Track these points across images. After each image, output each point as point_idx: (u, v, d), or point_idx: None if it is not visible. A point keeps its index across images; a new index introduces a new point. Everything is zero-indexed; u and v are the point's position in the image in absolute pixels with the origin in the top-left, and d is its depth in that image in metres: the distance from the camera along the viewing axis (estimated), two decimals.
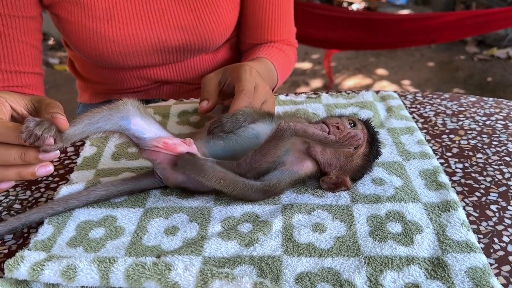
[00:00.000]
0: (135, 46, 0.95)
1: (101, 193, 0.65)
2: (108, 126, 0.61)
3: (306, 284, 0.52)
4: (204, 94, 0.77)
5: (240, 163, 0.62)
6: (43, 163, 0.56)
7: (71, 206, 0.64)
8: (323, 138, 0.60)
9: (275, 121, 0.67)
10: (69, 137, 0.58)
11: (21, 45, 0.89)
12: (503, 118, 0.84)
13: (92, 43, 0.94)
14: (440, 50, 3.63)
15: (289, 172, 0.64)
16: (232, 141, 0.65)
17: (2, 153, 0.55)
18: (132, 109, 0.63)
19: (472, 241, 0.56)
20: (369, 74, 3.34)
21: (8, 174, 0.57)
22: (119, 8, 0.92)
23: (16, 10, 0.87)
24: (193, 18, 0.96)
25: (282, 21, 1.06)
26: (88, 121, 0.60)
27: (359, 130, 0.65)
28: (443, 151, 0.76)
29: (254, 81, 0.75)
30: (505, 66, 3.33)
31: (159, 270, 0.51)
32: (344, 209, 0.62)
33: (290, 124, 0.60)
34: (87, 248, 0.58)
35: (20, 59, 0.90)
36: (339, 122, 0.64)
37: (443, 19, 2.44)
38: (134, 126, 0.63)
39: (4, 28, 0.86)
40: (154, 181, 0.67)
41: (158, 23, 0.95)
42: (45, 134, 0.53)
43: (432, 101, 0.92)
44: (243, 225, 0.60)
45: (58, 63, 3.65)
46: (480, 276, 0.51)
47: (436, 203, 0.62)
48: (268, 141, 0.61)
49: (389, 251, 0.55)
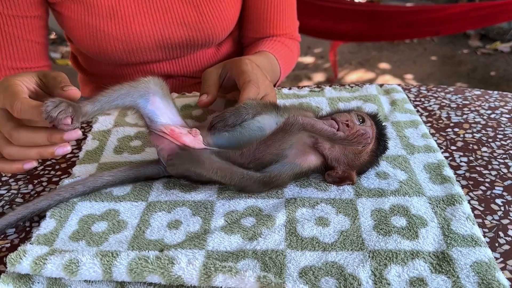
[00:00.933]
0: (138, 43, 0.95)
1: (108, 179, 0.66)
2: (127, 102, 0.63)
3: (310, 278, 0.51)
4: (204, 88, 0.77)
5: (243, 152, 0.62)
6: (63, 145, 0.60)
7: (78, 192, 0.64)
8: (331, 135, 0.59)
9: (281, 113, 0.67)
10: (88, 113, 0.60)
11: (26, 43, 0.91)
12: (508, 112, 0.84)
13: (95, 41, 0.94)
14: (443, 44, 3.60)
15: (290, 165, 0.63)
16: (237, 133, 0.64)
17: (30, 135, 0.59)
18: (153, 88, 0.64)
19: (477, 235, 0.55)
20: (372, 68, 3.32)
21: (30, 154, 0.60)
22: (121, 5, 0.92)
23: (20, 11, 0.88)
24: (196, 14, 0.96)
25: (284, 15, 1.05)
26: (106, 98, 0.61)
27: (368, 127, 0.64)
28: (447, 145, 0.75)
29: (255, 74, 0.75)
30: (508, 60, 3.31)
31: (162, 264, 0.51)
32: (348, 203, 0.62)
33: (298, 118, 0.59)
34: (90, 242, 0.58)
35: (26, 56, 0.91)
36: (348, 119, 0.63)
37: (447, 11, 2.43)
38: (151, 106, 0.64)
39: (9, 27, 0.88)
40: (159, 168, 0.67)
41: (161, 20, 0.95)
42: (62, 115, 0.55)
43: (437, 95, 0.91)
44: (246, 219, 0.60)
45: (60, 57, 3.64)
46: (486, 270, 0.51)
47: (441, 197, 0.62)
48: (275, 133, 0.61)
49: (394, 245, 0.55)
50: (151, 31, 0.95)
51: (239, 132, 0.64)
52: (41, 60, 0.94)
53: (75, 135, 0.58)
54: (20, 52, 0.90)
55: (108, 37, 0.93)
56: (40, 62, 0.94)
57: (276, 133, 0.61)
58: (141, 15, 0.94)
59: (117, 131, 0.81)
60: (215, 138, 0.65)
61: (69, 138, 0.58)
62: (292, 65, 1.11)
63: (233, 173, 0.61)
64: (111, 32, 0.93)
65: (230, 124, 0.65)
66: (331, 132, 0.59)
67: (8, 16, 0.87)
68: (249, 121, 0.65)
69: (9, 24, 0.88)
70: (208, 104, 0.76)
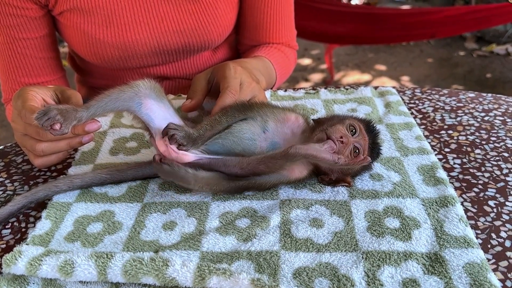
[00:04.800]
0: (134, 50, 0.96)
1: (106, 177, 0.67)
2: (120, 107, 0.64)
3: (303, 279, 0.52)
4: (190, 94, 0.77)
5: (241, 165, 0.62)
6: (87, 135, 0.67)
7: (75, 185, 0.66)
8: (332, 163, 0.60)
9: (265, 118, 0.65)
10: (82, 119, 0.62)
11: (39, 61, 0.97)
12: (502, 114, 0.84)
13: (92, 48, 0.95)
14: (439, 46, 3.62)
15: (277, 176, 0.64)
16: (229, 142, 0.64)
17: None
18: (143, 91, 0.64)
19: (470, 236, 0.56)
20: (369, 70, 3.33)
21: (61, 146, 0.68)
22: (118, 14, 0.92)
23: (30, 33, 0.93)
24: (192, 21, 0.96)
25: (281, 25, 1.05)
26: (99, 104, 0.62)
27: (361, 139, 0.63)
28: (441, 147, 0.75)
29: (239, 78, 0.74)
30: (504, 62, 3.32)
31: (157, 266, 0.51)
32: (342, 205, 0.62)
33: (301, 150, 0.59)
34: (85, 243, 0.58)
35: (41, 71, 0.98)
36: (343, 135, 0.62)
37: (443, 14, 2.44)
38: (145, 110, 0.64)
39: (22, 49, 0.94)
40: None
41: (157, 27, 0.95)
42: (49, 122, 0.58)
43: (431, 97, 0.91)
44: (241, 220, 0.60)
45: None
46: (478, 271, 0.51)
47: (434, 199, 0.62)
48: (275, 158, 0.61)
49: (387, 246, 0.55)
50: (147, 38, 0.95)
51: (231, 141, 0.64)
52: (56, 73, 1.01)
53: (95, 126, 0.64)
54: (35, 69, 0.97)
55: (104, 44, 0.94)
56: (55, 75, 1.01)
57: (277, 158, 0.61)
58: (137, 23, 0.94)
59: (113, 132, 0.81)
60: (209, 144, 0.64)
61: (90, 130, 0.64)
62: (288, 71, 1.11)
63: (218, 185, 0.63)
64: (107, 40, 0.93)
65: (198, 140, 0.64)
66: (332, 160, 0.60)
67: (20, 39, 0.93)
68: (239, 128, 0.64)
69: (22, 46, 0.94)
70: (191, 109, 0.75)
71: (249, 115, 0.65)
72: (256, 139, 0.64)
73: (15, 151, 0.80)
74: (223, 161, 0.63)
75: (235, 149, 0.64)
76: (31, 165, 0.76)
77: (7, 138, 2.61)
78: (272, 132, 0.64)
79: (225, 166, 0.63)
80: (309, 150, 0.59)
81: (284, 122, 0.65)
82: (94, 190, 0.67)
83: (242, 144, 0.64)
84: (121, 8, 0.92)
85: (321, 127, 0.64)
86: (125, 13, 0.93)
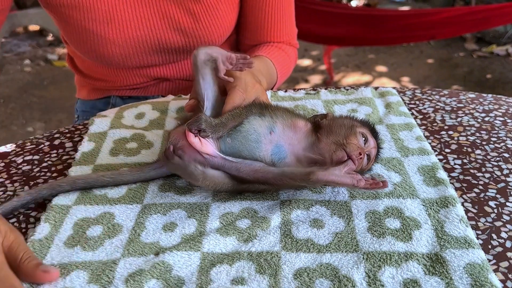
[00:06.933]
0: (135, 47, 0.96)
1: (108, 180, 0.67)
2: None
3: (304, 279, 0.52)
4: (192, 94, 0.77)
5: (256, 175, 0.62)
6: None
7: (78, 186, 0.67)
8: (352, 187, 0.61)
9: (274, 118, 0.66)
10: None
11: None
12: (502, 115, 0.84)
13: (92, 45, 0.94)
14: (439, 47, 3.62)
15: None
16: (237, 143, 0.64)
17: None
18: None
19: (471, 237, 0.56)
20: (369, 71, 3.33)
21: None
22: (118, 10, 0.92)
23: None
24: (193, 21, 0.96)
25: (282, 23, 1.05)
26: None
27: (372, 148, 0.65)
28: (441, 147, 0.75)
29: (243, 78, 0.74)
30: (504, 63, 3.32)
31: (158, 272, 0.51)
32: (342, 205, 0.62)
33: (322, 177, 0.59)
34: (85, 247, 0.57)
35: None
36: (361, 151, 0.61)
37: (443, 15, 2.44)
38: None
39: None
40: (160, 172, 0.68)
41: (158, 25, 0.95)
42: None
43: (431, 98, 0.91)
44: (241, 221, 0.60)
45: (57, 59, 3.64)
46: (479, 272, 0.51)
47: (435, 199, 0.62)
48: (295, 179, 0.61)
49: (388, 247, 0.55)
50: (147, 35, 0.95)
51: (239, 142, 0.63)
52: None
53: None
54: None
55: (105, 41, 0.94)
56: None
57: (296, 179, 0.61)
58: (137, 20, 0.94)
59: (113, 133, 0.81)
60: (221, 143, 0.64)
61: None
62: (289, 70, 1.11)
63: (223, 185, 0.63)
64: (107, 36, 0.93)
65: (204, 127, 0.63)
66: (352, 184, 0.59)
67: None
68: (248, 127, 0.64)
69: None
70: (192, 109, 0.75)
71: (263, 112, 0.66)
72: (261, 140, 0.64)
73: (15, 152, 0.80)
74: (236, 166, 0.63)
75: (242, 152, 0.64)
76: (31, 166, 0.76)
77: (7, 139, 2.61)
78: (278, 135, 0.64)
79: (237, 171, 0.63)
80: (330, 177, 0.59)
81: (291, 128, 0.65)
82: (93, 192, 0.67)
83: (247, 145, 0.63)
84: (122, 3, 0.92)
85: (334, 139, 0.63)
86: (126, 10, 0.93)
